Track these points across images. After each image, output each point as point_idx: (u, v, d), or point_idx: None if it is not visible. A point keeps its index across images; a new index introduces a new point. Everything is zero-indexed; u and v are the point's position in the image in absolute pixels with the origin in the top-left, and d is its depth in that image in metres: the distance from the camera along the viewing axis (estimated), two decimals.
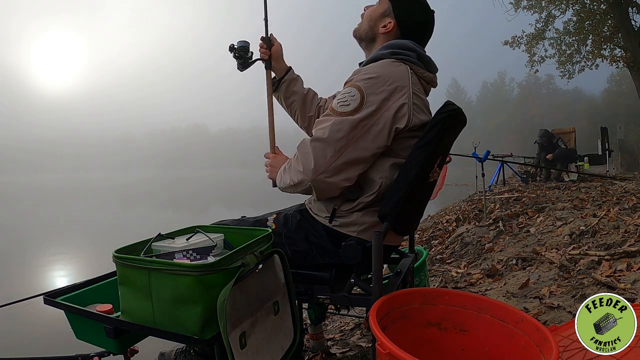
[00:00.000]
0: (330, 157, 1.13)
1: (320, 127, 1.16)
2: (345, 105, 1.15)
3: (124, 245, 1.11)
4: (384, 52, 1.27)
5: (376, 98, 1.14)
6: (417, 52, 1.28)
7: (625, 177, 7.60)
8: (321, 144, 1.14)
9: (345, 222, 1.24)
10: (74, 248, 7.38)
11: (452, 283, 2.75)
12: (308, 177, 1.15)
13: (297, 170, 1.17)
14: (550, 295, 2.02)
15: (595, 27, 10.88)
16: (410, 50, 1.27)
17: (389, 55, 1.25)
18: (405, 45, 1.27)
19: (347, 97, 1.15)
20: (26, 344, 2.90)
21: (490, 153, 5.42)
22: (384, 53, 1.26)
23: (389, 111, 1.15)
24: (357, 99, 1.14)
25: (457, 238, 3.99)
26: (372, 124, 1.14)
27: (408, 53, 1.26)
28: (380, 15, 1.34)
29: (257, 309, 1.07)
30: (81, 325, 1.16)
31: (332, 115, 1.16)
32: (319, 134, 1.15)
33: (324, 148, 1.13)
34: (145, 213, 13.90)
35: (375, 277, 1.13)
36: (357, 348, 1.94)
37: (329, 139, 1.13)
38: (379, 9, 1.35)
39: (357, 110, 1.13)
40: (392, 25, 1.32)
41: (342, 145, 1.13)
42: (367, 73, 1.19)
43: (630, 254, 2.23)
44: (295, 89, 1.59)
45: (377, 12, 1.35)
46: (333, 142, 1.13)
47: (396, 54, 1.25)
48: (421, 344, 1.09)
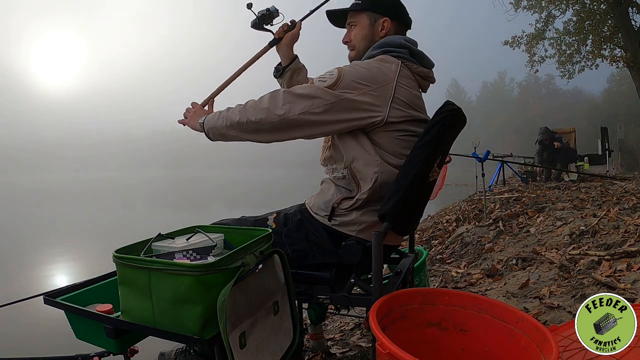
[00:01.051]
0: (296, 111, 1.16)
1: (297, 86, 1.20)
2: (322, 80, 1.18)
3: (124, 245, 1.11)
4: (375, 52, 1.28)
5: (352, 83, 1.17)
6: (409, 49, 1.29)
7: (625, 177, 7.60)
8: (292, 97, 1.17)
9: (345, 221, 1.24)
10: (74, 248, 7.38)
11: (452, 283, 2.75)
12: (269, 120, 1.17)
13: (258, 109, 1.18)
14: (550, 295, 2.02)
15: (595, 27, 10.87)
16: (401, 47, 1.28)
17: (380, 54, 1.27)
18: (396, 43, 1.29)
19: (326, 75, 1.20)
20: (26, 344, 2.90)
21: (490, 153, 5.42)
22: (375, 52, 1.28)
23: (360, 98, 1.17)
24: (334, 77, 1.17)
25: (457, 238, 3.99)
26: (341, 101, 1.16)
27: (399, 50, 1.27)
28: (369, 26, 1.34)
29: (257, 309, 1.07)
30: (81, 325, 1.16)
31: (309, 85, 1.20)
32: (293, 89, 1.19)
33: (294, 102, 1.16)
34: (145, 213, 13.90)
35: (375, 277, 1.13)
36: (357, 348, 1.94)
37: (300, 95, 1.16)
38: (363, 22, 1.35)
39: (331, 87, 1.17)
40: (388, 22, 1.33)
41: (309, 106, 1.16)
42: (356, 63, 1.24)
43: (630, 254, 2.23)
44: (299, 79, 1.60)
45: (365, 27, 1.35)
46: (303, 100, 1.16)
47: (387, 52, 1.27)
48: (421, 344, 1.09)
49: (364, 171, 1.21)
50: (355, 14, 1.36)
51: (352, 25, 1.37)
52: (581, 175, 7.19)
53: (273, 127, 1.18)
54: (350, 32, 1.38)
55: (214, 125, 1.28)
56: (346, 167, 1.24)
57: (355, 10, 1.35)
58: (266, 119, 1.17)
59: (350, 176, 1.24)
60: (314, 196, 1.36)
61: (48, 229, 9.95)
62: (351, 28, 1.38)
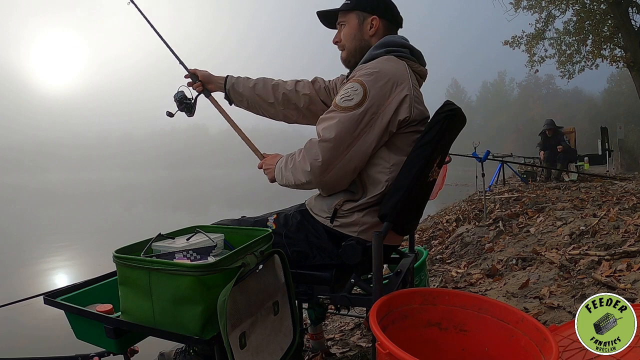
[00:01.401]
0: (337, 156, 1.14)
1: (326, 125, 1.16)
2: (348, 100, 1.16)
3: (124, 245, 1.11)
4: (378, 51, 1.28)
5: (378, 92, 1.16)
6: (410, 48, 1.31)
7: (625, 177, 7.59)
8: (328, 144, 1.14)
9: (346, 222, 1.24)
10: (74, 248, 7.38)
11: (452, 283, 2.75)
12: (316, 177, 1.16)
13: (304, 170, 1.17)
14: (550, 295, 2.02)
15: (595, 27, 10.86)
16: (403, 47, 1.29)
17: (385, 53, 1.27)
18: (398, 42, 1.30)
19: (350, 92, 1.17)
20: (26, 344, 2.90)
21: (490, 153, 5.42)
22: (379, 52, 1.28)
23: (391, 104, 1.17)
24: (359, 93, 1.15)
25: (457, 238, 3.99)
26: (376, 117, 1.16)
27: (402, 50, 1.28)
28: (357, 25, 1.35)
29: (257, 309, 1.07)
30: (81, 325, 1.16)
31: (336, 111, 1.17)
32: (326, 135, 1.15)
33: (332, 148, 1.14)
34: (145, 213, 13.90)
35: (375, 277, 1.13)
36: (357, 348, 1.94)
37: (335, 138, 1.14)
38: (352, 21, 1.35)
39: (360, 104, 1.15)
40: (377, 21, 1.34)
41: (349, 144, 1.15)
42: (369, 69, 1.21)
43: (630, 254, 2.23)
44: (241, 90, 1.61)
45: (353, 26, 1.35)
46: (340, 141, 1.14)
47: (391, 52, 1.27)
48: (421, 344, 1.09)
49: (376, 177, 1.22)
50: (344, 14, 1.37)
51: (342, 25, 1.38)
52: (581, 175, 7.20)
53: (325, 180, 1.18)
54: (340, 32, 1.38)
55: (280, 183, 1.30)
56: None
57: (345, 10, 1.36)
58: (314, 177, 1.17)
59: (358, 179, 1.23)
60: (315, 197, 1.36)
61: (48, 229, 9.95)
62: (341, 28, 1.38)
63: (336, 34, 1.41)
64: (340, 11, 1.38)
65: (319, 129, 1.18)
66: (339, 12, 1.38)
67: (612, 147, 9.60)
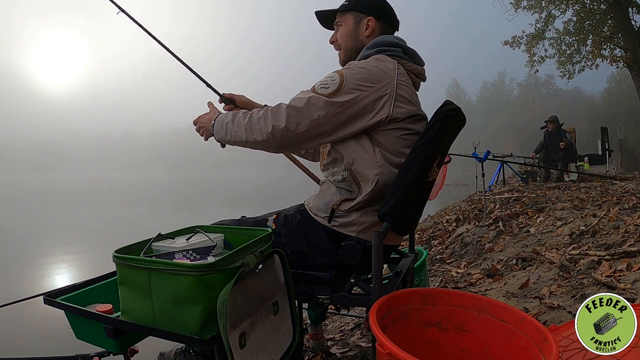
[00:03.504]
0: (301, 128, 1.16)
1: (297, 97, 1.18)
2: (325, 87, 1.17)
3: (124, 245, 1.11)
4: (370, 51, 1.29)
5: (355, 86, 1.17)
6: (402, 47, 1.31)
7: (625, 177, 7.59)
8: (297, 113, 1.15)
9: (345, 222, 1.24)
10: (74, 248, 7.38)
11: (452, 283, 2.75)
12: (274, 141, 1.17)
13: (262, 130, 1.17)
14: (550, 295, 2.02)
15: (595, 27, 10.85)
16: (394, 46, 1.30)
17: (376, 53, 1.28)
18: (390, 42, 1.30)
19: (328, 80, 1.18)
20: (26, 344, 2.90)
21: (490, 153, 5.42)
22: (370, 52, 1.29)
23: (365, 100, 1.17)
24: (336, 82, 1.17)
25: (457, 238, 3.99)
26: (348, 109, 1.16)
27: (393, 49, 1.29)
28: (353, 25, 1.36)
29: (256, 309, 1.07)
30: (81, 325, 1.16)
31: (310, 91, 1.19)
32: (295, 103, 1.17)
33: (299, 118, 1.15)
34: (145, 213, 13.90)
35: (375, 277, 1.13)
36: (357, 348, 1.94)
37: (304, 110, 1.15)
38: (348, 22, 1.37)
39: (334, 94, 1.16)
40: (372, 22, 1.34)
41: (314, 121, 1.16)
42: (354, 64, 1.23)
43: (630, 254, 2.23)
44: None
45: (349, 26, 1.36)
46: (307, 116, 1.15)
47: (382, 51, 1.28)
48: (421, 344, 1.09)
49: (365, 173, 1.21)
50: (341, 15, 1.38)
51: (339, 25, 1.39)
52: (581, 175, 7.19)
53: (280, 144, 1.19)
54: (337, 33, 1.40)
55: (222, 137, 1.29)
56: (346, 169, 1.24)
57: (342, 11, 1.38)
58: (272, 138, 1.17)
59: (351, 178, 1.23)
60: (313, 197, 1.36)
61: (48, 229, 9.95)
62: (338, 28, 1.40)
63: (333, 34, 1.42)
64: (337, 12, 1.39)
65: (290, 99, 1.19)
66: (336, 12, 1.39)
67: (612, 147, 9.59)
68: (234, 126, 1.23)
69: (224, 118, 1.28)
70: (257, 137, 1.19)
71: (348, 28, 1.37)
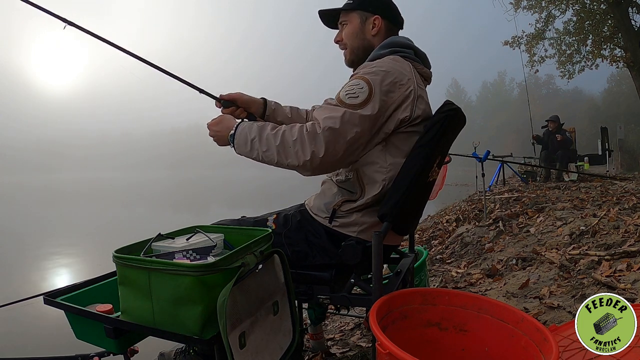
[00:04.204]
0: (340, 151, 1.12)
1: (330, 115, 1.13)
2: (353, 97, 1.14)
3: (124, 245, 1.11)
4: (384, 51, 1.28)
5: (383, 91, 1.15)
6: (414, 49, 1.31)
7: (625, 177, 7.59)
8: (334, 135, 1.11)
9: (345, 222, 1.24)
10: (74, 248, 7.38)
11: (452, 283, 2.75)
12: (313, 165, 1.12)
13: (300, 155, 1.12)
14: (550, 295, 2.02)
15: (595, 27, 10.85)
16: (407, 48, 1.29)
17: (390, 53, 1.26)
18: (403, 43, 1.30)
19: (355, 89, 1.15)
20: (26, 344, 2.90)
21: (490, 153, 5.41)
22: (384, 52, 1.27)
23: (394, 103, 1.17)
24: (365, 91, 1.14)
25: (457, 238, 3.99)
26: (380, 117, 1.16)
27: (406, 51, 1.28)
28: (359, 24, 1.34)
29: (256, 309, 1.07)
30: (81, 325, 1.16)
31: (340, 106, 1.14)
32: (330, 124, 1.11)
33: (336, 140, 1.11)
34: (145, 213, 13.90)
35: (375, 277, 1.13)
36: (357, 348, 1.94)
37: (340, 131, 1.11)
38: (354, 21, 1.34)
39: (365, 103, 1.13)
40: (379, 21, 1.33)
41: (352, 139, 1.13)
42: (374, 67, 1.20)
43: (630, 254, 2.23)
44: (280, 119, 1.52)
45: (356, 25, 1.35)
46: (344, 135, 1.12)
47: (396, 52, 1.27)
48: (421, 344, 1.09)
49: (372, 176, 1.21)
50: (346, 13, 1.36)
51: (344, 24, 1.37)
52: (581, 175, 7.19)
53: (317, 169, 1.15)
54: (342, 32, 1.38)
55: (246, 153, 1.22)
56: (352, 169, 1.23)
57: (347, 10, 1.35)
58: (310, 164, 1.12)
59: (355, 179, 1.23)
60: (314, 197, 1.36)
61: (48, 229, 9.95)
62: (342, 27, 1.38)
63: (337, 33, 1.40)
64: (342, 10, 1.37)
65: (321, 117, 1.14)
66: (340, 11, 1.37)
67: (612, 147, 9.58)
68: (262, 145, 1.16)
69: (247, 133, 1.19)
70: (292, 162, 1.13)
71: (354, 27, 1.35)
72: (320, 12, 1.42)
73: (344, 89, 1.19)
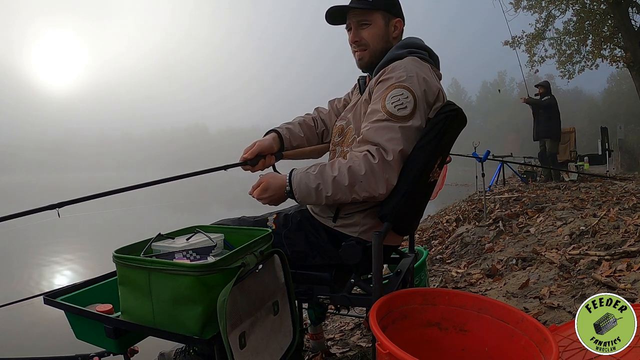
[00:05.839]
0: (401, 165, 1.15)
1: (391, 136, 1.13)
2: (402, 108, 1.15)
3: (124, 245, 1.11)
4: (401, 52, 1.27)
5: (424, 99, 1.18)
6: (429, 51, 1.32)
7: (625, 177, 7.59)
8: (402, 156, 1.14)
9: (347, 223, 1.24)
10: (74, 248, 7.38)
11: (452, 283, 2.75)
12: (389, 190, 1.14)
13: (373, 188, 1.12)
14: (550, 295, 2.01)
15: (595, 27, 10.85)
16: (424, 49, 1.30)
17: (407, 54, 1.26)
18: (420, 44, 1.31)
19: (401, 100, 1.16)
20: (26, 344, 2.90)
21: (490, 153, 5.41)
22: (401, 52, 1.27)
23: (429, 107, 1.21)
24: (410, 101, 1.16)
25: (457, 238, 3.99)
26: (424, 125, 1.19)
27: (422, 52, 1.29)
28: (384, 26, 1.31)
29: (256, 309, 1.07)
30: (81, 325, 1.16)
31: (392, 120, 1.14)
32: (396, 146, 1.12)
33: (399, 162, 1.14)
34: (145, 213, 13.89)
35: (375, 277, 1.13)
36: (357, 348, 1.94)
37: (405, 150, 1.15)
38: (379, 22, 1.30)
39: (413, 113, 1.16)
40: (400, 24, 1.34)
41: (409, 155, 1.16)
42: (405, 71, 1.19)
43: (630, 254, 2.23)
44: (297, 144, 1.51)
45: (381, 27, 1.30)
46: (407, 152, 1.15)
47: (414, 53, 1.27)
48: (421, 344, 1.09)
49: None
50: (369, 13, 1.29)
51: (364, 24, 1.30)
52: (581, 175, 7.19)
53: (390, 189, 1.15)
54: (363, 31, 1.31)
55: (312, 202, 1.20)
56: None
57: (367, 9, 1.29)
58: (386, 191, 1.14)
59: None
60: None
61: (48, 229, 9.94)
62: (362, 27, 1.30)
63: (355, 32, 1.31)
64: (361, 9, 1.29)
65: (381, 138, 1.13)
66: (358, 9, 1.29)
67: (612, 147, 9.59)
68: (329, 189, 1.14)
69: (307, 183, 1.16)
70: (366, 195, 1.13)
71: (380, 29, 1.30)
72: (332, 8, 1.32)
73: (387, 100, 1.16)
